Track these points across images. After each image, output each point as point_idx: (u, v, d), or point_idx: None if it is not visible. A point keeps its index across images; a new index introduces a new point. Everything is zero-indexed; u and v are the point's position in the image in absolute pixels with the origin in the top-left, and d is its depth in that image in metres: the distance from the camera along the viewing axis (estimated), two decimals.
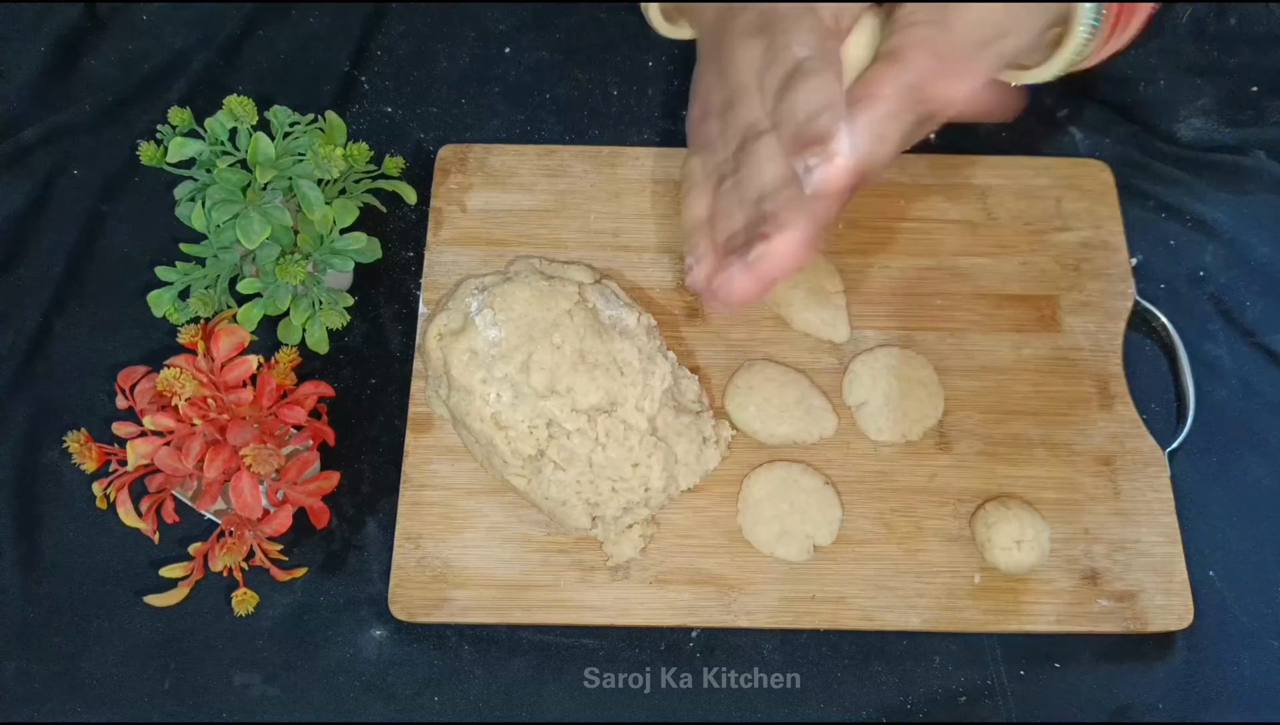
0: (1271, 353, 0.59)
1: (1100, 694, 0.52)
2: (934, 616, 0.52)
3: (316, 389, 0.52)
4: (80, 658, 0.52)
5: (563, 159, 0.62)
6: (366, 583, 0.54)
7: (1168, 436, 0.56)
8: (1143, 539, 0.53)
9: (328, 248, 0.55)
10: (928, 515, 0.54)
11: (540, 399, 0.50)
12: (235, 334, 0.51)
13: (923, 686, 0.52)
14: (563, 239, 0.60)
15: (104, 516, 0.51)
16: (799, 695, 0.52)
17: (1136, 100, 0.64)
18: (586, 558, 0.53)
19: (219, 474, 0.48)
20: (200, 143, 0.54)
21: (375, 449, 0.57)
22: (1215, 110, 0.64)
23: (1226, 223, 0.62)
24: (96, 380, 0.58)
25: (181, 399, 0.48)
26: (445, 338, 0.53)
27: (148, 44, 0.67)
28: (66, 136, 0.64)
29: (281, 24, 0.68)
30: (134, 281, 0.60)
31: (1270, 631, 0.53)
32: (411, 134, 0.65)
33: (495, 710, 0.52)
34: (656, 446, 0.51)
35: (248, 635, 0.53)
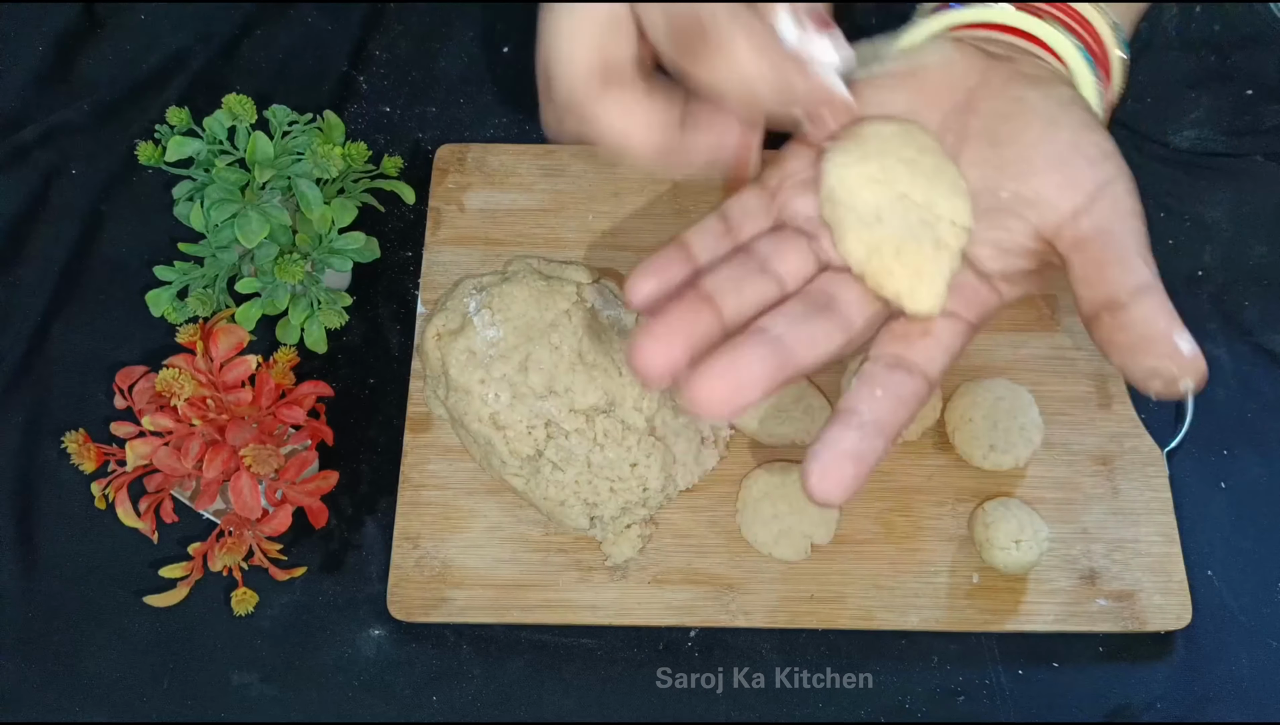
0: (1270, 353, 0.59)
1: (1098, 693, 0.52)
2: (932, 616, 0.52)
3: (315, 389, 0.52)
4: (79, 657, 0.52)
5: (561, 159, 0.62)
6: (365, 582, 0.54)
7: (1166, 436, 0.56)
8: (1141, 538, 0.53)
9: (326, 247, 0.55)
10: (926, 515, 0.54)
11: (538, 399, 0.50)
12: (234, 334, 0.51)
13: (921, 686, 0.52)
14: (561, 239, 0.60)
15: (103, 517, 0.51)
16: (798, 695, 0.52)
17: (1127, 115, 0.64)
18: (585, 558, 0.53)
19: (218, 474, 0.48)
20: (199, 142, 0.54)
21: (373, 449, 0.57)
22: (1209, 120, 0.64)
23: (1225, 222, 0.62)
24: (95, 380, 0.58)
25: (180, 399, 0.48)
26: (443, 338, 0.53)
27: (146, 43, 0.67)
28: (64, 136, 0.64)
29: (280, 23, 0.68)
30: (132, 281, 0.60)
31: (1269, 631, 0.53)
32: (410, 133, 0.65)
33: (494, 710, 0.52)
34: (655, 446, 0.51)
35: (247, 635, 0.53)
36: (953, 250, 0.36)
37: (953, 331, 0.36)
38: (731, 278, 0.35)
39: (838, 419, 0.33)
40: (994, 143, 0.37)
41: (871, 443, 0.33)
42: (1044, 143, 0.36)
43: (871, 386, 0.34)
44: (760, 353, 0.32)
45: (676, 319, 0.33)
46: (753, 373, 0.32)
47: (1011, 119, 0.36)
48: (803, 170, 0.37)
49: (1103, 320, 0.35)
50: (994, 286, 0.37)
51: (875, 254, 0.35)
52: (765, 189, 0.38)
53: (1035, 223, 0.36)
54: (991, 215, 0.36)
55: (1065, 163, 0.35)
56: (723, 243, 0.37)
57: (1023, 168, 0.36)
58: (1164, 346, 0.33)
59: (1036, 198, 0.36)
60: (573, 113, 0.34)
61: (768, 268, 0.36)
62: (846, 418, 0.33)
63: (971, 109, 0.37)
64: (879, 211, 0.36)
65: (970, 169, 0.37)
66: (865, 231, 0.36)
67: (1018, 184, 0.36)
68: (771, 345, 0.33)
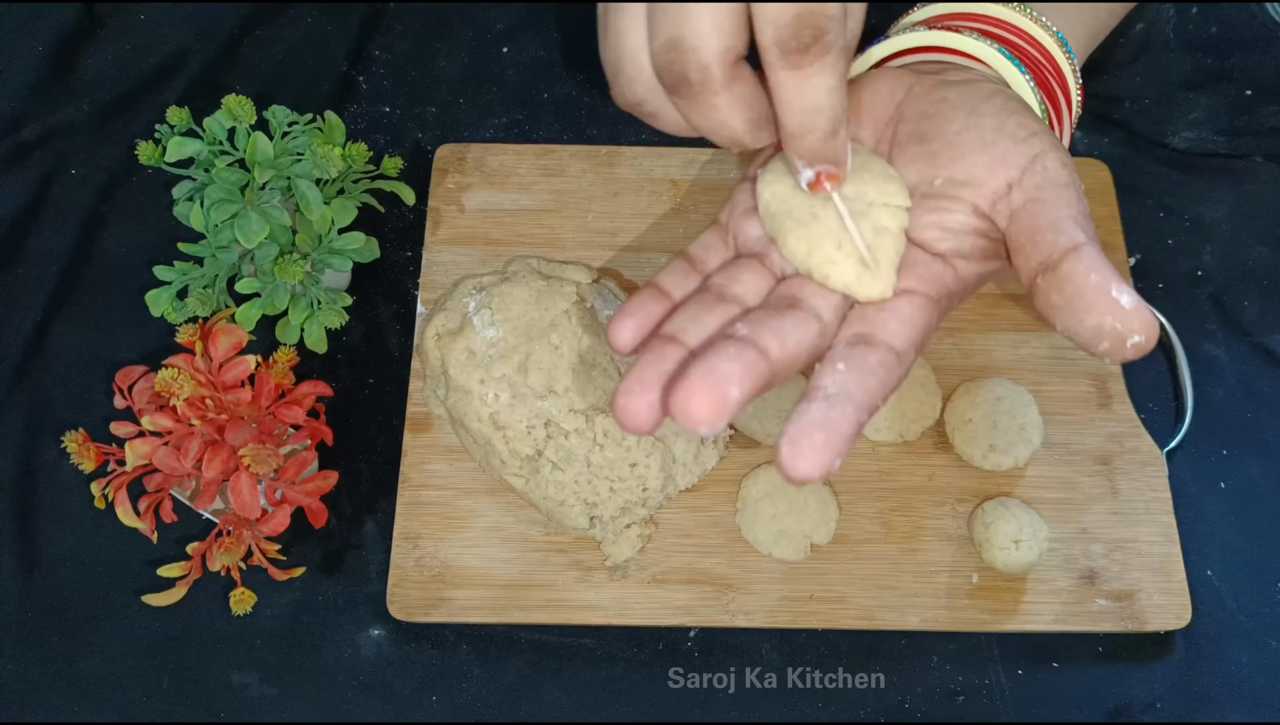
0: (1270, 352, 0.59)
1: (1098, 693, 0.52)
2: (932, 616, 0.52)
3: (315, 389, 0.53)
4: (78, 657, 0.52)
5: (561, 158, 0.62)
6: (365, 582, 0.54)
7: (1166, 436, 0.56)
8: (1141, 538, 0.53)
9: (326, 247, 0.55)
10: (926, 515, 0.54)
11: (538, 399, 0.50)
12: (233, 334, 0.51)
13: (921, 686, 0.52)
14: (561, 238, 0.60)
15: (102, 516, 0.51)
16: (797, 695, 0.52)
17: (1124, 116, 0.64)
18: (585, 558, 0.53)
19: (217, 473, 0.48)
20: (199, 142, 0.54)
21: (373, 449, 0.57)
22: (1208, 121, 0.64)
23: (1225, 222, 0.62)
24: (94, 380, 0.58)
25: (180, 399, 0.48)
26: (443, 338, 0.53)
27: (146, 43, 0.67)
28: (64, 136, 0.64)
29: (280, 24, 0.68)
30: (132, 281, 0.60)
31: (1268, 630, 0.53)
32: (410, 134, 0.65)
33: (493, 710, 0.52)
34: (654, 446, 0.51)
35: (246, 635, 0.53)
36: (893, 231, 0.37)
37: (911, 304, 0.36)
38: (691, 315, 0.35)
39: (804, 398, 0.33)
40: (922, 140, 0.38)
41: (841, 410, 0.32)
42: (968, 130, 0.38)
43: (833, 363, 0.34)
44: (730, 352, 0.32)
45: (645, 367, 0.33)
46: (729, 372, 0.32)
47: (935, 117, 0.39)
48: (748, 200, 0.39)
49: (1039, 285, 0.35)
50: (949, 263, 0.37)
51: (817, 248, 0.36)
52: (720, 225, 0.40)
53: (972, 200, 0.37)
54: (930, 201, 0.38)
55: (991, 144, 0.37)
56: (691, 279, 0.38)
57: (951, 155, 0.38)
58: (1102, 301, 0.33)
59: (969, 178, 0.37)
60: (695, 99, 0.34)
61: (725, 294, 0.36)
62: (811, 394, 0.33)
63: (900, 117, 0.40)
64: (813, 210, 0.37)
65: (905, 169, 0.38)
66: (803, 230, 0.37)
67: (949, 170, 0.37)
68: (739, 344, 0.33)
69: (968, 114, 0.38)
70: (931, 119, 0.39)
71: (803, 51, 0.31)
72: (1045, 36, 0.44)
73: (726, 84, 0.33)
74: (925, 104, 0.39)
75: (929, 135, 0.38)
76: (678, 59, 0.32)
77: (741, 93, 0.33)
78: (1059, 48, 0.44)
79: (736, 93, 0.33)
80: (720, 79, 0.33)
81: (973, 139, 0.37)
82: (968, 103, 0.38)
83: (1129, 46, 0.66)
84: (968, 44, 0.42)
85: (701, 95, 0.33)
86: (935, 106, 0.39)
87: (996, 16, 0.44)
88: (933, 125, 0.39)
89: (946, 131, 0.38)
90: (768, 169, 0.39)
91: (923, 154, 0.38)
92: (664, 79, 0.33)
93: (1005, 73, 0.42)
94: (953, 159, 0.38)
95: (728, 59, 0.32)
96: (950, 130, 0.38)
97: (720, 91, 0.33)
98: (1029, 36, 0.44)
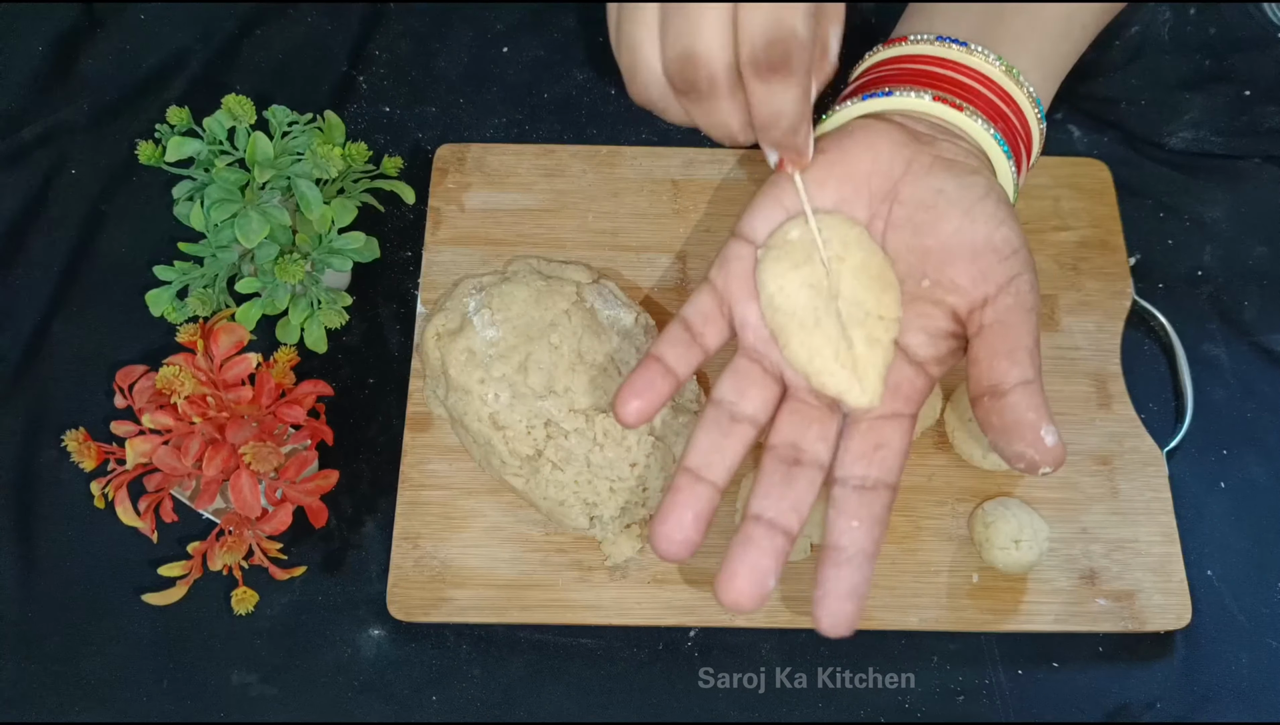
0: (1270, 352, 0.59)
1: (1098, 693, 0.52)
2: (932, 616, 0.52)
3: (315, 388, 0.52)
4: (78, 656, 0.52)
5: (561, 158, 0.62)
6: (365, 582, 0.54)
7: (1166, 436, 0.56)
8: (1141, 538, 0.53)
9: (326, 247, 0.55)
10: (926, 514, 0.54)
11: (538, 399, 0.50)
12: (235, 332, 0.51)
13: (920, 686, 0.52)
14: (561, 238, 0.60)
15: (102, 515, 0.51)
16: (797, 695, 0.52)
17: (1121, 117, 0.64)
18: (585, 557, 0.53)
19: (218, 473, 0.48)
20: (199, 142, 0.54)
21: (373, 448, 0.57)
22: (1205, 122, 0.64)
23: (1225, 222, 0.62)
24: (95, 379, 0.58)
25: (180, 398, 0.48)
26: (443, 338, 0.53)
27: (146, 43, 0.67)
28: (64, 136, 0.64)
29: (280, 23, 0.68)
30: (132, 281, 0.60)
31: (1268, 631, 0.53)
32: (410, 133, 0.65)
33: (493, 710, 0.52)
34: (655, 446, 0.51)
35: (246, 634, 0.53)
36: (884, 343, 0.41)
37: (901, 433, 0.41)
38: (712, 445, 0.41)
39: (828, 559, 0.39)
40: (916, 232, 0.42)
41: (863, 572, 0.38)
42: (962, 234, 0.41)
43: (847, 518, 0.39)
44: (764, 546, 0.39)
45: (679, 504, 0.39)
46: (764, 565, 0.38)
47: (931, 210, 0.42)
48: (743, 270, 0.43)
49: (984, 403, 0.40)
50: (925, 371, 0.42)
51: (817, 356, 0.41)
52: (714, 289, 0.43)
53: (952, 306, 0.42)
54: (917, 303, 0.42)
55: (980, 256, 0.41)
56: (692, 351, 0.42)
57: (942, 258, 0.41)
58: (1031, 435, 0.39)
59: (953, 286, 0.41)
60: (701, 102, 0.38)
61: (737, 415, 0.41)
62: (834, 556, 0.39)
63: (896, 197, 0.43)
64: (816, 316, 0.41)
65: (896, 257, 0.42)
66: (805, 336, 0.41)
67: (938, 273, 0.42)
68: (769, 532, 0.39)
69: (962, 215, 0.41)
70: (928, 211, 0.42)
71: (772, 70, 0.36)
72: (1027, 105, 0.47)
73: (729, 91, 0.38)
74: (923, 191, 0.42)
75: (924, 229, 0.42)
76: (689, 69, 0.37)
77: (740, 99, 0.38)
78: (1036, 117, 0.47)
79: (737, 99, 0.38)
80: (725, 87, 0.37)
81: (964, 246, 0.41)
82: (963, 201, 0.42)
83: (1126, 47, 0.66)
84: (966, 124, 0.45)
85: (708, 100, 0.38)
86: (932, 198, 0.42)
87: (972, 67, 0.46)
88: (928, 219, 0.42)
89: (941, 231, 0.42)
90: (773, 254, 0.42)
91: (916, 247, 0.42)
92: (675, 84, 0.38)
93: (995, 159, 0.45)
94: (943, 262, 0.41)
95: (731, 71, 0.37)
96: (945, 230, 0.41)
97: (724, 98, 0.38)
98: (1014, 104, 0.46)
